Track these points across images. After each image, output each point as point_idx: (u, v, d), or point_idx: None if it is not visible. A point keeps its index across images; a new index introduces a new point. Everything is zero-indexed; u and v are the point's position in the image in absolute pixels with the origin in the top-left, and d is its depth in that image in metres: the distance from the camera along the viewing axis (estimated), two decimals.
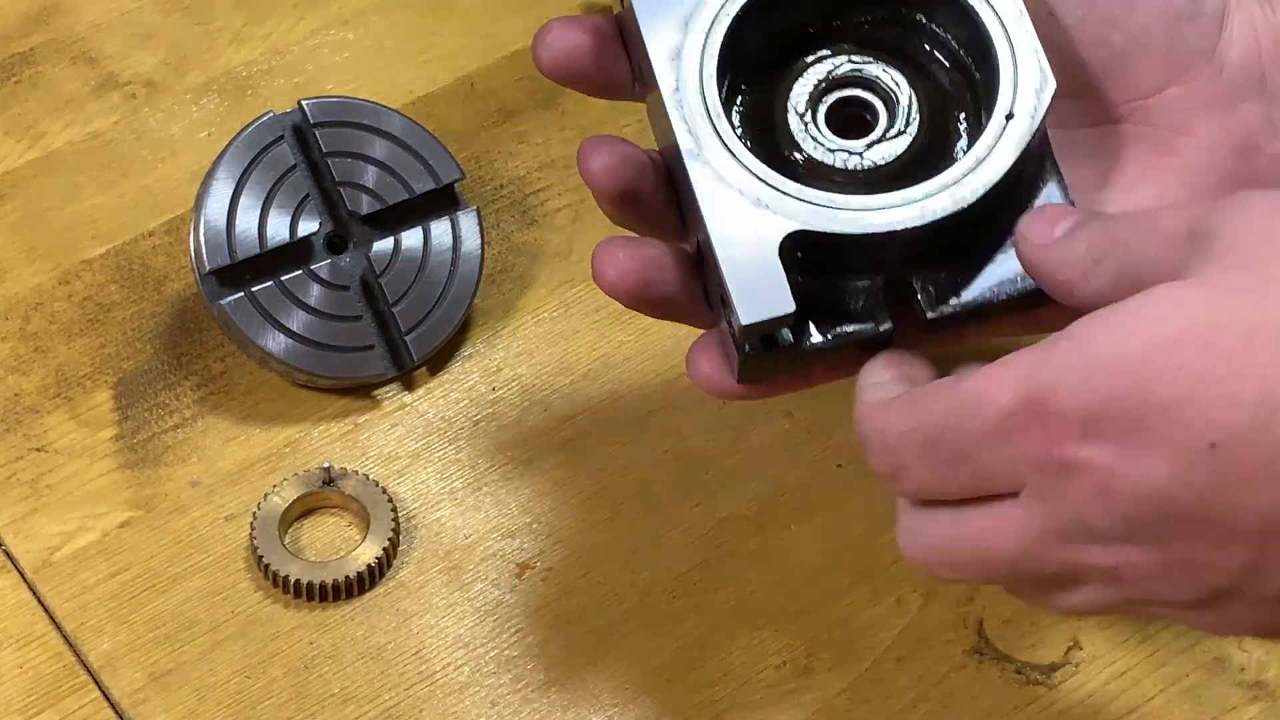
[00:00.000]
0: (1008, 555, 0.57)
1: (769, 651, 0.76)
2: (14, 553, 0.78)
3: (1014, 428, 0.54)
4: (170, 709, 0.74)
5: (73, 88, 0.92)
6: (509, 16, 0.95)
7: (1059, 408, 0.53)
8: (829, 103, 0.66)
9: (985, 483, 0.56)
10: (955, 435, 0.56)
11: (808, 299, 0.63)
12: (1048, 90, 0.62)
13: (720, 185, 0.62)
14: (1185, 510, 0.53)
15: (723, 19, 0.65)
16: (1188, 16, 0.64)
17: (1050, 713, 0.75)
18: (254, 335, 0.80)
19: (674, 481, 0.81)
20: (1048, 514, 0.55)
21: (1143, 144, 0.65)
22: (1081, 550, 0.55)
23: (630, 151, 0.64)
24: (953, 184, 0.62)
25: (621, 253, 0.63)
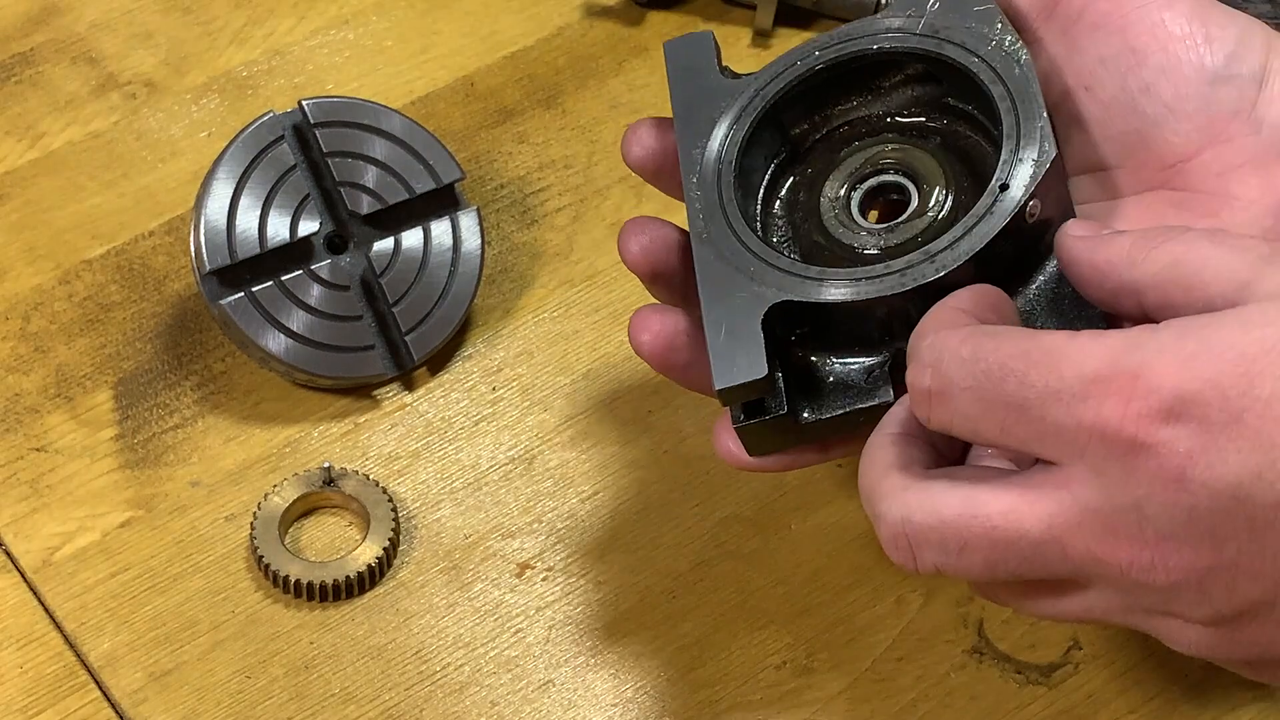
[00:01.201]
0: (1029, 540, 0.55)
1: (769, 651, 0.76)
2: (14, 553, 0.78)
3: (1093, 393, 0.53)
4: (170, 709, 0.74)
5: (73, 88, 0.92)
6: (509, 16, 0.95)
7: (1152, 383, 0.52)
8: (863, 189, 0.68)
9: (1034, 442, 0.55)
10: (1021, 381, 0.54)
11: (811, 375, 0.65)
12: (1045, 161, 0.63)
13: (719, 262, 0.65)
14: (1257, 511, 0.52)
15: (749, 113, 0.68)
16: (1223, 79, 0.63)
17: (1050, 713, 0.75)
18: (254, 335, 0.80)
19: (674, 481, 0.81)
20: (1100, 494, 0.53)
21: (1180, 208, 0.64)
22: (1116, 545, 0.54)
23: (665, 233, 0.68)
24: (938, 252, 0.63)
25: (655, 318, 0.68)
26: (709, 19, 0.95)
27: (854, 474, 0.80)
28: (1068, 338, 0.54)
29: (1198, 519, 0.53)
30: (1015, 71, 0.64)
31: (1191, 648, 0.57)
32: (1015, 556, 0.56)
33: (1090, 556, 0.55)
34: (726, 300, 0.64)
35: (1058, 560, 0.55)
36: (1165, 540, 0.53)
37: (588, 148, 0.91)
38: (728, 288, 0.65)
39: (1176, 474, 0.52)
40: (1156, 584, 0.54)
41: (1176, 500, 0.52)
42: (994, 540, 0.56)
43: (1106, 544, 0.54)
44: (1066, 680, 0.75)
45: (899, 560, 0.58)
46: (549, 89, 0.93)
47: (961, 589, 0.77)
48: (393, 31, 0.95)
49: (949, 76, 0.67)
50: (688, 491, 0.80)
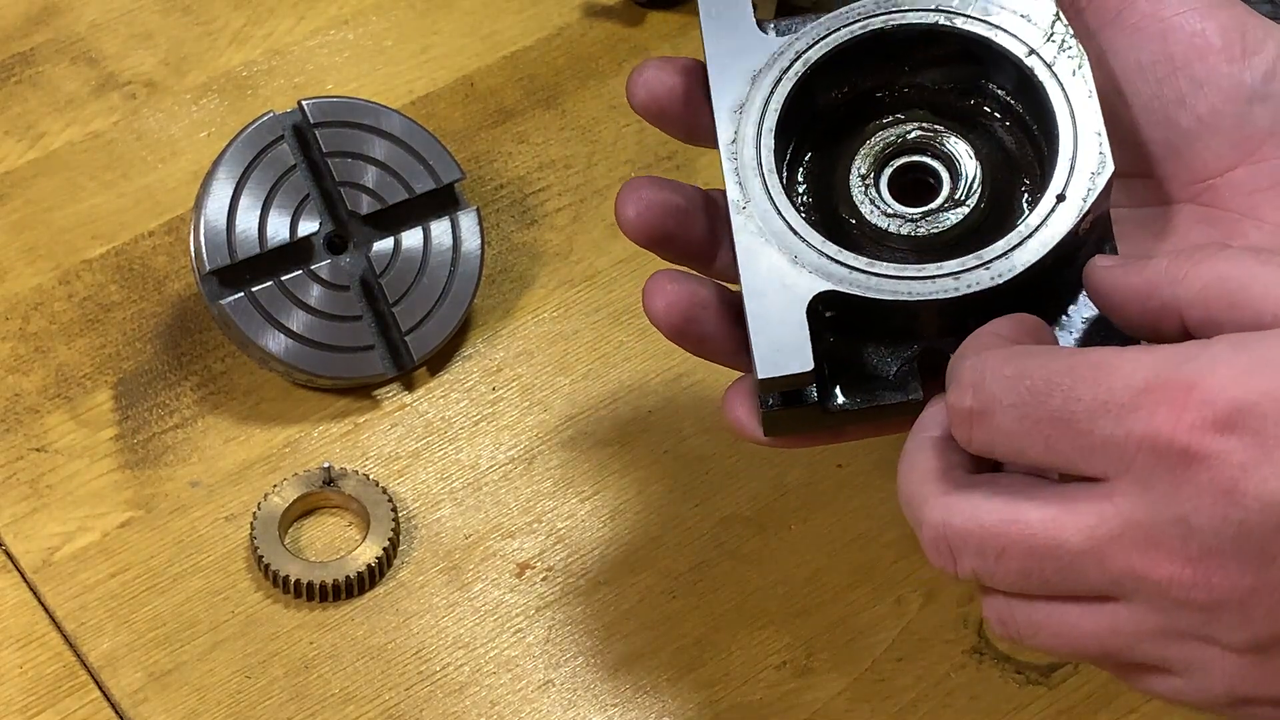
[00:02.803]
0: (1067, 550, 0.54)
1: (769, 651, 0.76)
2: (14, 553, 0.78)
3: (1144, 404, 0.52)
4: (170, 709, 0.74)
5: (73, 88, 0.92)
6: (509, 16, 0.95)
7: (1207, 394, 0.51)
8: (893, 168, 0.66)
9: (1079, 457, 0.53)
10: (1068, 395, 0.53)
11: (839, 361, 0.63)
12: (1104, 175, 0.61)
13: (760, 239, 0.63)
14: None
15: (789, 78, 0.65)
16: (1260, 97, 0.62)
17: (1050, 713, 0.75)
18: (254, 335, 0.80)
19: (674, 481, 0.81)
20: (1145, 507, 0.52)
21: (1207, 225, 0.63)
22: (1158, 559, 0.53)
23: (665, 196, 0.66)
24: (992, 260, 0.61)
25: (670, 285, 0.65)
26: None
27: (854, 475, 0.80)
28: (1115, 352, 0.54)
29: (1247, 534, 0.51)
30: (1072, 75, 0.63)
31: (1221, 684, 0.55)
32: (1052, 565, 0.55)
33: (1130, 571, 0.53)
34: (769, 284, 0.62)
35: (1095, 572, 0.54)
36: (1210, 556, 0.52)
37: (588, 148, 0.91)
38: (770, 271, 0.62)
39: (1228, 486, 0.51)
40: (1196, 602, 0.53)
41: (1227, 514, 0.51)
42: (1032, 548, 0.55)
43: (1148, 558, 0.53)
44: (1066, 680, 0.75)
45: (939, 564, 0.57)
46: (549, 89, 0.93)
47: (961, 589, 0.77)
48: (393, 31, 0.95)
49: (995, 63, 0.65)
50: (688, 491, 0.80)
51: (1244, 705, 0.56)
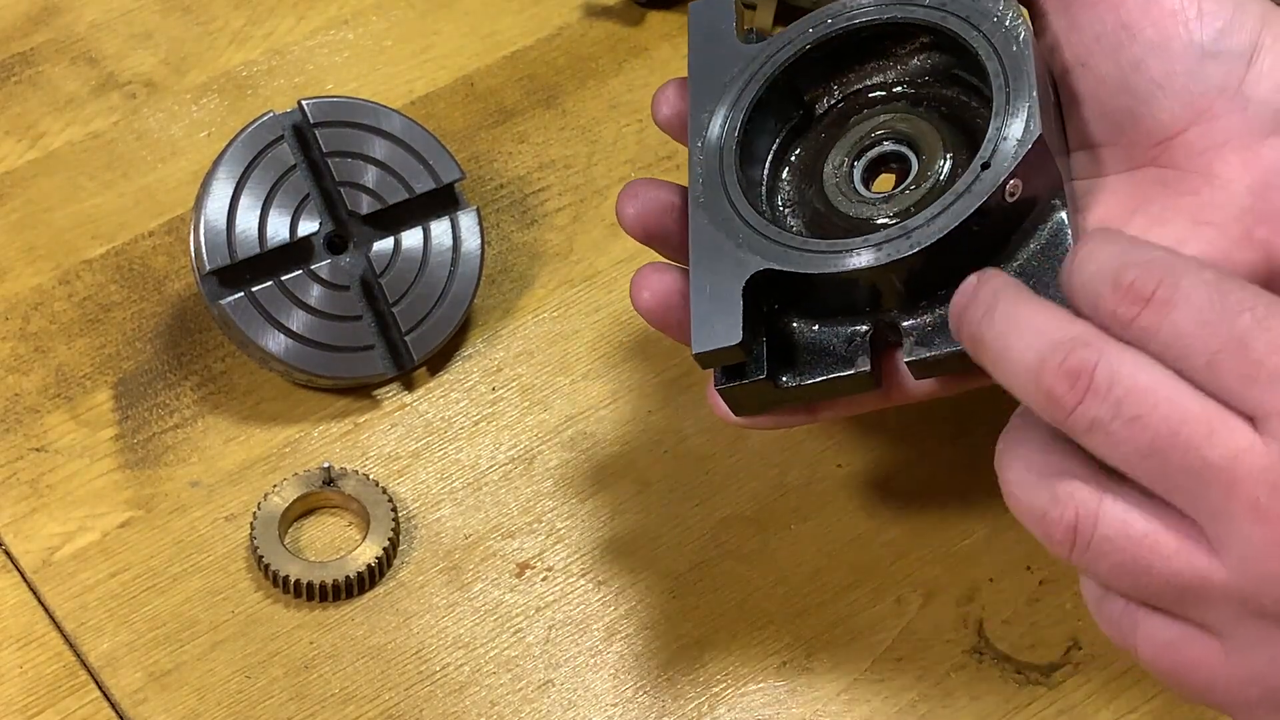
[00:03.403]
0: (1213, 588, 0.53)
1: (769, 651, 0.76)
2: (14, 553, 0.78)
3: None
4: (170, 709, 0.74)
5: (73, 88, 0.92)
6: (509, 16, 0.95)
7: None
8: (867, 158, 0.69)
9: (1239, 385, 0.52)
10: (1257, 322, 0.52)
11: (795, 341, 0.66)
12: (1026, 143, 0.63)
13: (710, 227, 0.67)
14: None
15: (758, 80, 0.69)
16: (1211, 54, 0.63)
17: (1050, 713, 0.75)
18: (254, 335, 0.80)
19: (674, 481, 0.81)
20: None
21: (1164, 185, 0.64)
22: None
23: (662, 195, 0.69)
24: (915, 229, 0.63)
25: (655, 277, 0.69)
26: None
27: (854, 475, 0.80)
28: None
29: None
30: (1013, 49, 0.65)
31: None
32: (1193, 597, 0.54)
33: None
34: (712, 266, 0.66)
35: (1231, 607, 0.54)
36: None
37: (588, 148, 0.91)
38: (716, 254, 0.66)
39: None
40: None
41: None
42: (1177, 580, 0.54)
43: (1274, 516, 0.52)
44: (1066, 680, 0.75)
45: (1056, 547, 0.56)
46: (549, 89, 0.93)
47: (961, 589, 0.77)
48: (393, 31, 0.95)
49: (954, 49, 0.68)
50: (688, 491, 0.80)
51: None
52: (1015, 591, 0.77)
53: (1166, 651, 0.56)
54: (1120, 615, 0.57)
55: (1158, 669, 0.56)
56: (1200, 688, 0.56)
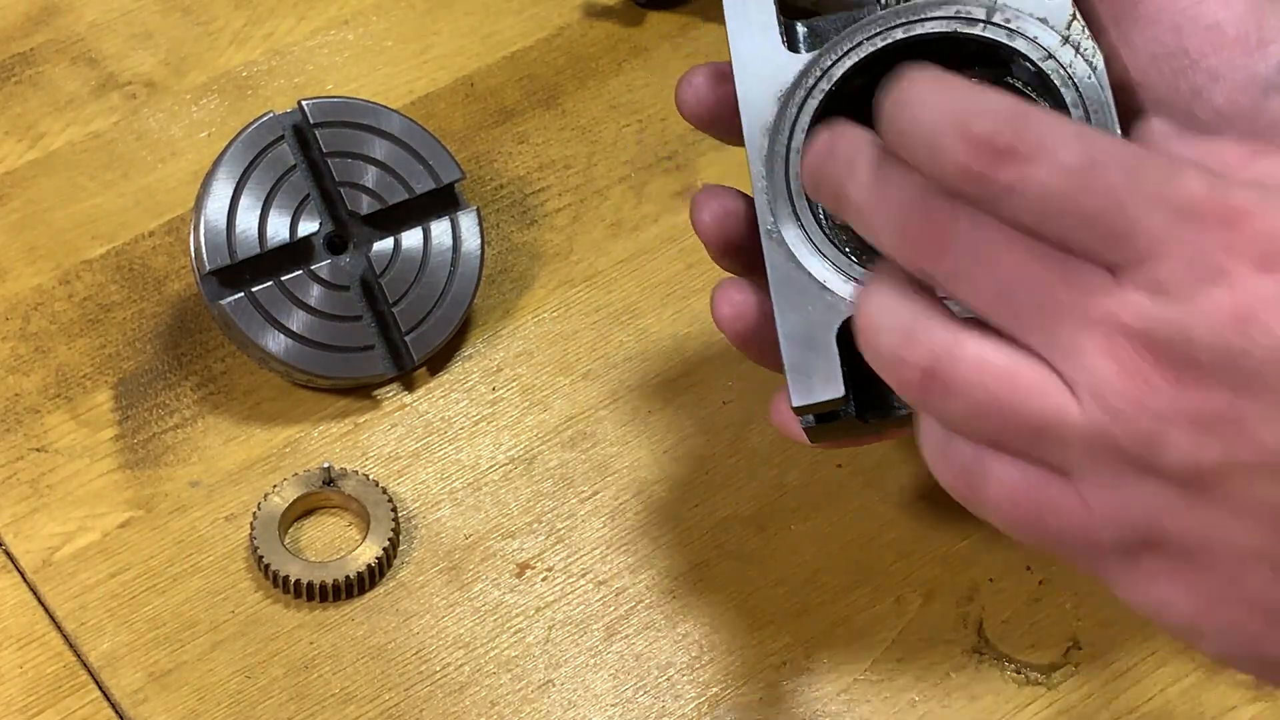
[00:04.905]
0: (1051, 298, 0.53)
1: (769, 651, 0.76)
2: (14, 553, 0.78)
3: (1197, 212, 0.51)
4: (170, 709, 0.74)
5: (73, 88, 0.92)
6: (509, 16, 0.95)
7: (1258, 228, 0.51)
8: None
9: (1109, 240, 0.52)
10: (1129, 176, 0.51)
11: (876, 377, 0.62)
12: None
13: (790, 265, 0.64)
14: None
15: (815, 95, 0.66)
16: (1276, 88, 0.62)
17: (1050, 713, 0.75)
18: (254, 335, 0.80)
19: (674, 481, 0.81)
20: (1155, 307, 0.51)
21: None
22: (1141, 355, 0.52)
23: (737, 205, 0.67)
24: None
25: (738, 295, 0.66)
26: (709, 19, 0.95)
27: (854, 475, 0.80)
28: (1179, 158, 0.53)
29: (1236, 365, 0.51)
30: (1089, 79, 0.63)
31: (1140, 512, 0.53)
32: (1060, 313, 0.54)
33: (1110, 353, 0.52)
34: (799, 307, 0.63)
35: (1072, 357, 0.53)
36: (1195, 368, 0.51)
37: (588, 148, 0.91)
38: (800, 294, 0.63)
39: (1244, 315, 0.50)
40: (1157, 407, 0.52)
41: (1229, 340, 0.50)
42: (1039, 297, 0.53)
43: (1135, 348, 0.52)
44: (1066, 680, 0.75)
45: (911, 390, 0.55)
46: (549, 89, 0.93)
47: (961, 589, 0.77)
48: (393, 31, 0.95)
49: (1018, 67, 0.66)
50: (688, 491, 0.80)
51: (1141, 548, 0.54)
52: (1015, 591, 0.77)
53: (1021, 496, 0.55)
54: (970, 461, 0.55)
55: (1010, 517, 0.55)
56: (1053, 534, 0.55)
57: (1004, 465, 0.55)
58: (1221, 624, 0.54)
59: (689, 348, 0.84)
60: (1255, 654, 0.54)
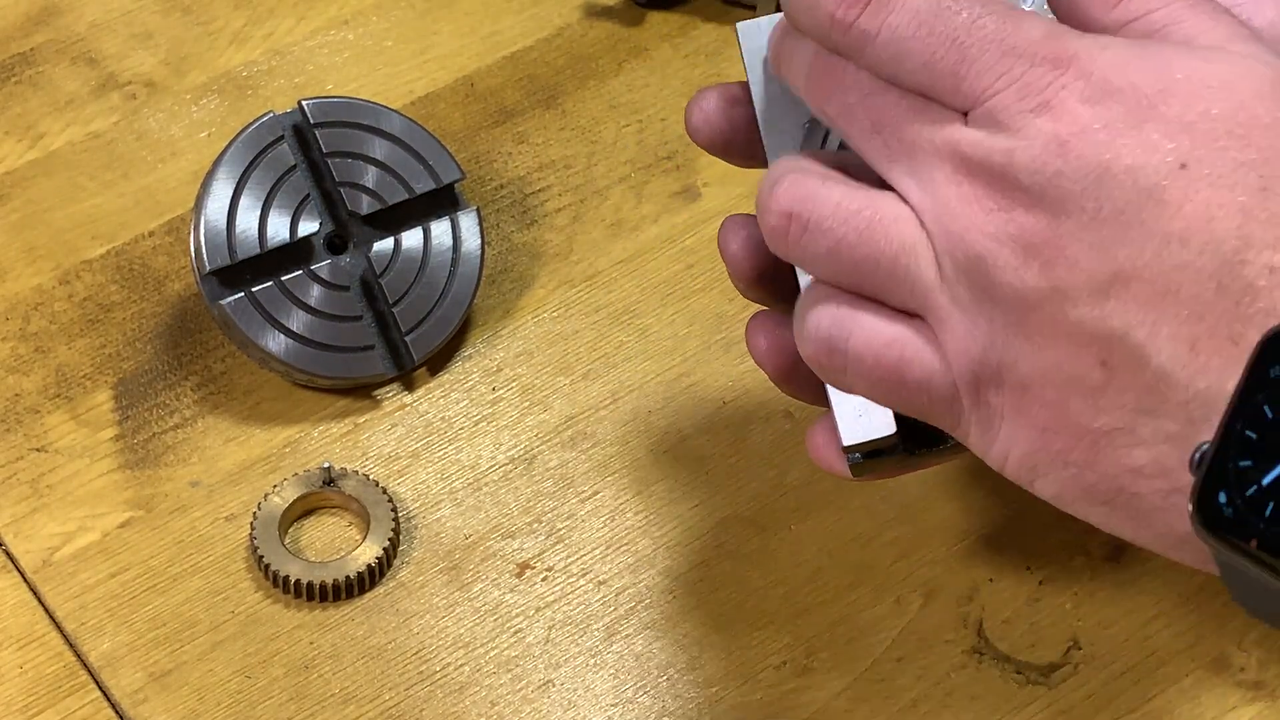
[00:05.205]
0: (911, 131, 0.56)
1: (769, 651, 0.76)
2: (14, 553, 0.78)
3: (1030, 53, 0.54)
4: (170, 709, 0.74)
5: (73, 88, 0.92)
6: (509, 16, 0.95)
7: (1085, 67, 0.54)
8: None
9: (950, 82, 0.55)
10: (973, 19, 0.55)
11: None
12: None
13: None
14: (1108, 201, 0.53)
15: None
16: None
17: (1050, 713, 0.75)
18: (254, 335, 0.80)
19: (674, 481, 0.81)
20: (985, 138, 0.55)
21: None
22: (973, 178, 0.55)
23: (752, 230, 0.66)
24: None
25: (775, 328, 0.65)
26: (709, 19, 0.95)
27: None
28: (1026, 12, 0.56)
29: (1055, 185, 0.54)
30: None
31: (976, 342, 0.56)
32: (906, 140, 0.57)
33: (946, 177, 0.56)
34: None
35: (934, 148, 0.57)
36: (1019, 190, 0.54)
37: (588, 148, 0.91)
38: None
39: (1063, 139, 0.54)
40: (987, 230, 0.55)
41: (1048, 161, 0.54)
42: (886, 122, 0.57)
43: (967, 175, 0.55)
44: (1066, 680, 0.75)
45: (777, 240, 0.59)
46: (549, 89, 0.93)
47: (961, 589, 0.77)
48: (393, 31, 0.95)
49: None
50: (688, 491, 0.80)
51: (986, 383, 0.56)
52: (1015, 591, 0.77)
53: (882, 350, 0.58)
54: (831, 325, 0.58)
55: (873, 374, 0.58)
56: (915, 387, 0.58)
57: (868, 321, 0.58)
58: (1053, 457, 0.56)
59: (689, 348, 0.84)
60: (1082, 484, 0.56)
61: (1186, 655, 0.76)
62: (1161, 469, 0.54)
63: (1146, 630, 0.76)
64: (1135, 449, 0.54)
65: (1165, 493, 0.54)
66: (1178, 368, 0.52)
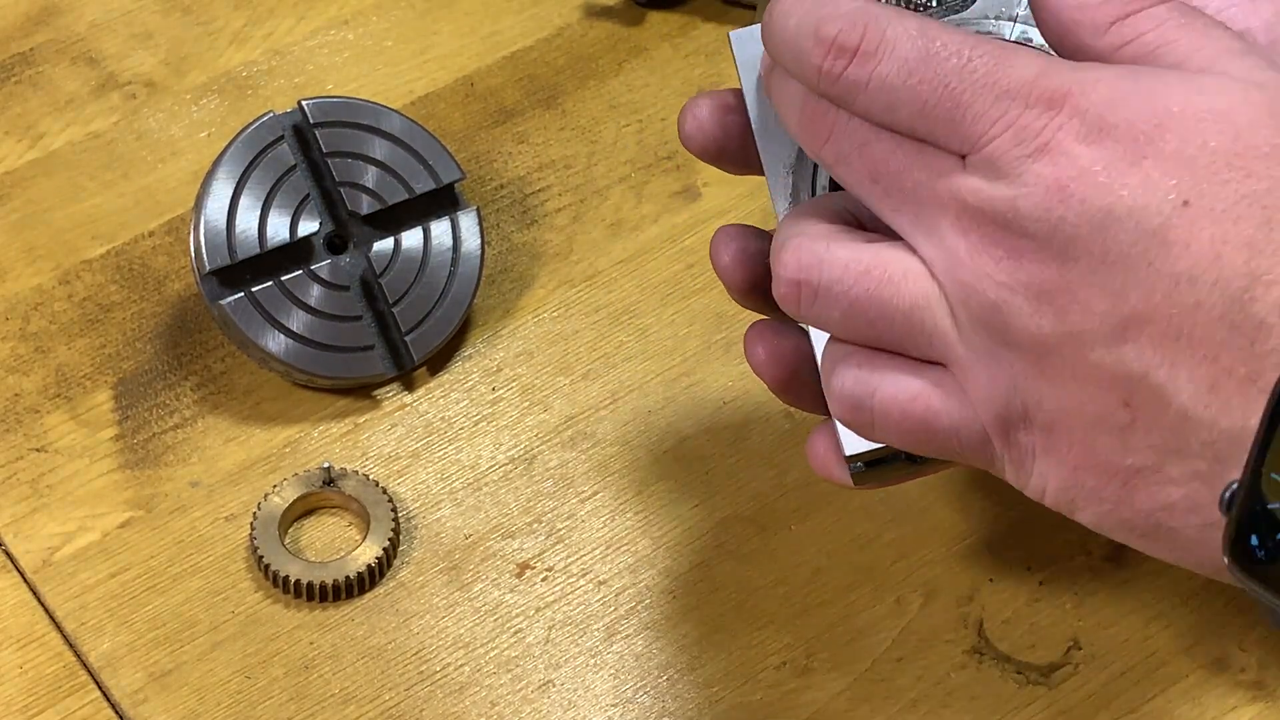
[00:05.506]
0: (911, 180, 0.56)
1: (769, 651, 0.76)
2: (14, 553, 0.78)
3: (1024, 94, 0.54)
4: (170, 709, 0.74)
5: (73, 88, 0.92)
6: (509, 16, 0.95)
7: (1079, 104, 0.54)
8: None
9: (946, 128, 0.55)
10: (962, 65, 0.55)
11: None
12: None
13: None
14: (1114, 244, 0.53)
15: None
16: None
17: (1050, 713, 0.75)
18: (254, 335, 0.80)
19: (674, 481, 0.81)
20: (987, 186, 0.54)
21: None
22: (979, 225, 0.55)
23: (760, 246, 0.65)
24: None
25: (773, 337, 0.65)
26: (709, 19, 0.95)
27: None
28: (1013, 46, 0.56)
29: (1060, 231, 0.54)
30: None
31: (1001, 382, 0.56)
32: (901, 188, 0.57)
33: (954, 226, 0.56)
34: None
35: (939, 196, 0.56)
36: (1025, 238, 0.54)
37: (588, 148, 0.91)
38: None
39: (1063, 183, 0.53)
40: (999, 279, 0.55)
41: (1050, 207, 0.54)
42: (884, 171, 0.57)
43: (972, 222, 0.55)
44: (1066, 680, 0.75)
45: (791, 306, 0.59)
46: (549, 89, 0.93)
47: (961, 589, 0.77)
48: (393, 31, 0.95)
49: None
50: (688, 491, 0.80)
51: (1014, 425, 0.57)
52: (1015, 591, 0.77)
53: (909, 405, 0.58)
54: (854, 385, 0.59)
55: (903, 428, 0.58)
56: (947, 433, 0.58)
57: (891, 379, 0.58)
58: (1087, 492, 0.56)
59: (689, 348, 0.84)
60: (1119, 519, 0.56)
61: (1187, 655, 0.76)
62: (1194, 505, 0.54)
63: (1147, 630, 0.76)
64: (1167, 486, 0.54)
65: (1200, 527, 0.54)
66: (1199, 408, 0.52)
